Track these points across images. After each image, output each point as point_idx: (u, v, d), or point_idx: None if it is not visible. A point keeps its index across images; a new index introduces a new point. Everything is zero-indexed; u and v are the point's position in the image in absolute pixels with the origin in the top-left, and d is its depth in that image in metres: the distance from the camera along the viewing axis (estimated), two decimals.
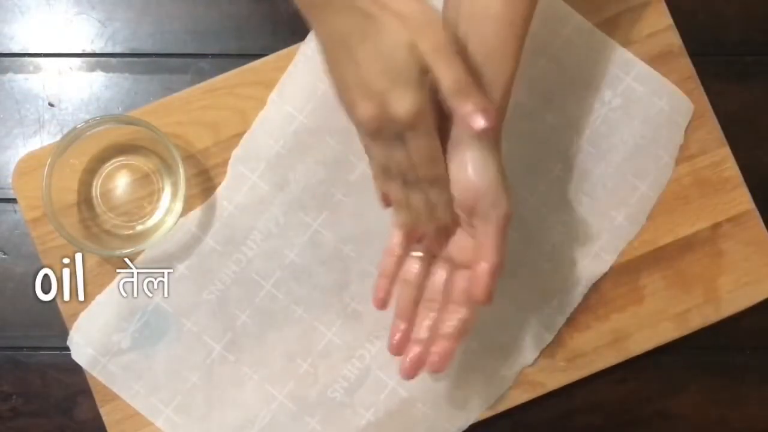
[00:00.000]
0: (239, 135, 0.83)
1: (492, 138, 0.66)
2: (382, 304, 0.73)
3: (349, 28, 0.61)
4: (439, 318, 0.71)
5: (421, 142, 0.64)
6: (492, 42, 0.65)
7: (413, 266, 0.72)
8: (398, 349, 0.73)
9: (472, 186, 0.66)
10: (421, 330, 0.72)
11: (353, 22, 0.61)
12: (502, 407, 0.83)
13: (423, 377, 0.82)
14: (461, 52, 0.64)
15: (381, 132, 0.64)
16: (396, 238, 0.72)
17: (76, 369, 0.82)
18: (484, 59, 0.65)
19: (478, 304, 0.68)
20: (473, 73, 0.64)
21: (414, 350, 0.72)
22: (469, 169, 0.66)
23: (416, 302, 0.73)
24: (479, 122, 0.62)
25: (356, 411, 0.83)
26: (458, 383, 0.83)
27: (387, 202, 0.72)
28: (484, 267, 0.67)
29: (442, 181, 0.67)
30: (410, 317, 0.72)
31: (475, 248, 0.68)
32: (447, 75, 0.61)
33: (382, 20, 0.61)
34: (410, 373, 0.72)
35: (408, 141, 0.64)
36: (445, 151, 0.67)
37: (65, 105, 0.86)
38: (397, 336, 0.72)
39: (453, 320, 0.70)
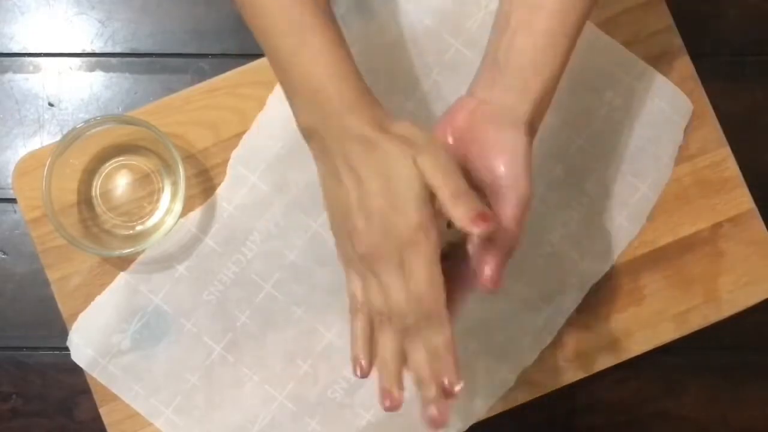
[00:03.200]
0: (239, 135, 0.83)
1: (526, 124, 0.66)
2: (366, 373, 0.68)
3: (352, 152, 0.63)
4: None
5: (422, 263, 0.61)
6: (542, 36, 0.66)
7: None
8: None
9: (496, 165, 0.64)
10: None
11: (356, 147, 0.63)
12: (502, 407, 0.83)
13: None
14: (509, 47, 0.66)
15: (381, 256, 0.62)
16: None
17: (76, 369, 0.82)
18: (532, 52, 0.66)
19: (486, 288, 0.64)
20: (520, 65, 0.65)
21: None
22: (497, 146, 0.65)
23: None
24: (475, 228, 0.60)
25: (356, 412, 0.83)
26: None
27: (365, 367, 0.66)
28: (502, 245, 0.64)
29: (441, 316, 0.62)
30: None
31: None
32: (445, 187, 0.61)
33: (384, 142, 0.62)
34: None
35: (408, 263, 0.62)
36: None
37: (65, 105, 0.86)
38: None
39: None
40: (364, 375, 0.66)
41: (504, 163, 0.64)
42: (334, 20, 0.66)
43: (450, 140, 0.67)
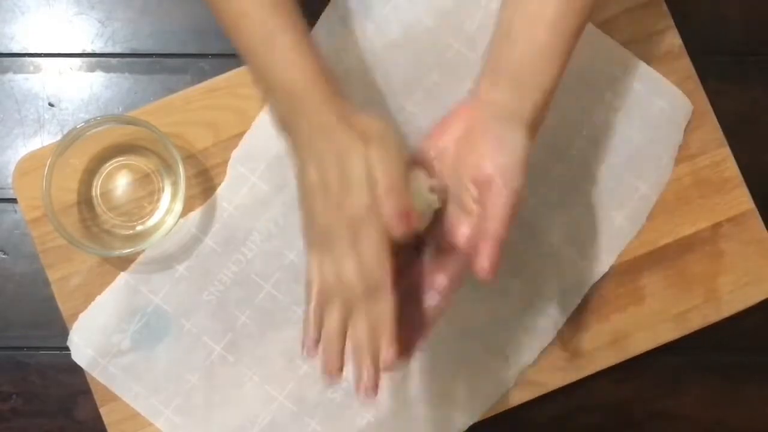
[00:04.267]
0: (239, 135, 0.83)
1: (527, 128, 0.68)
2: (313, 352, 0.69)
3: (317, 141, 0.68)
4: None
5: (371, 239, 0.66)
6: (542, 44, 0.69)
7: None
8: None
9: (494, 158, 0.67)
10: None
11: (319, 136, 0.68)
12: (502, 407, 0.83)
13: (422, 378, 0.82)
14: (509, 50, 0.70)
15: (335, 232, 0.66)
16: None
17: (76, 369, 0.82)
18: (532, 59, 0.69)
19: (484, 277, 0.66)
20: (520, 71, 0.69)
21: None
22: (495, 143, 0.68)
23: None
24: (396, 225, 0.65)
25: (356, 412, 0.83)
26: (458, 384, 0.83)
27: (314, 347, 0.68)
28: (492, 235, 0.66)
29: (385, 290, 0.66)
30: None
31: (479, 223, 0.67)
32: (382, 179, 0.66)
33: (341, 132, 0.67)
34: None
35: (359, 239, 0.66)
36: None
37: (65, 105, 0.86)
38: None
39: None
40: (311, 354, 0.68)
41: (502, 159, 0.67)
42: (302, 18, 0.70)
43: (451, 139, 0.70)
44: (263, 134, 0.83)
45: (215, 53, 0.86)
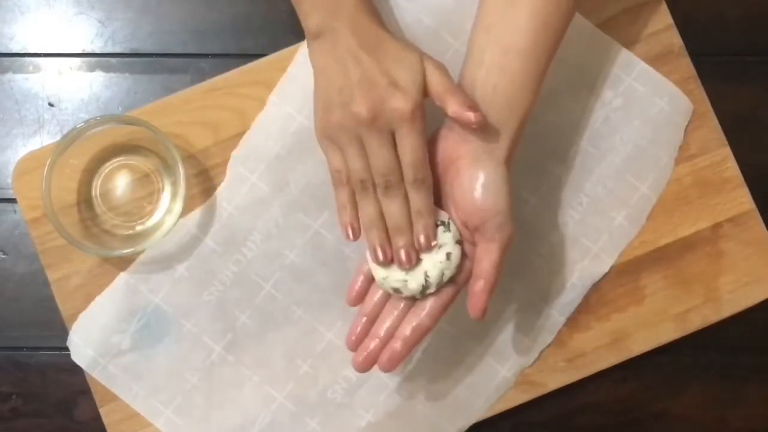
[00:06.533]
0: (239, 135, 0.83)
1: (505, 162, 0.71)
2: (359, 300, 0.76)
3: (364, 43, 0.71)
4: (401, 319, 0.74)
5: (417, 136, 0.70)
6: (516, 74, 0.71)
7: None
8: (356, 345, 0.75)
9: (484, 206, 0.71)
10: (381, 327, 0.75)
11: (368, 39, 0.71)
12: (502, 407, 0.83)
13: (423, 377, 0.82)
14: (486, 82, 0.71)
15: (376, 121, 0.69)
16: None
17: (76, 369, 0.82)
18: (507, 90, 0.71)
19: (475, 319, 0.72)
20: (495, 104, 0.71)
21: (370, 345, 0.74)
22: (483, 189, 0.71)
23: (385, 302, 0.75)
24: (471, 114, 0.69)
25: (356, 412, 0.83)
26: (458, 384, 0.83)
27: (358, 229, 0.74)
28: (482, 285, 0.71)
29: (429, 182, 0.72)
30: (376, 316, 0.75)
31: (475, 265, 0.72)
32: (442, 83, 0.70)
33: (395, 38, 0.72)
34: (363, 366, 0.74)
35: (404, 135, 0.70)
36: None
37: (65, 105, 0.86)
38: (359, 332, 0.75)
39: (413, 323, 0.73)
40: (357, 237, 0.74)
41: (493, 209, 0.71)
42: None
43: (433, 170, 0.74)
44: (263, 134, 0.83)
45: (215, 53, 0.86)
